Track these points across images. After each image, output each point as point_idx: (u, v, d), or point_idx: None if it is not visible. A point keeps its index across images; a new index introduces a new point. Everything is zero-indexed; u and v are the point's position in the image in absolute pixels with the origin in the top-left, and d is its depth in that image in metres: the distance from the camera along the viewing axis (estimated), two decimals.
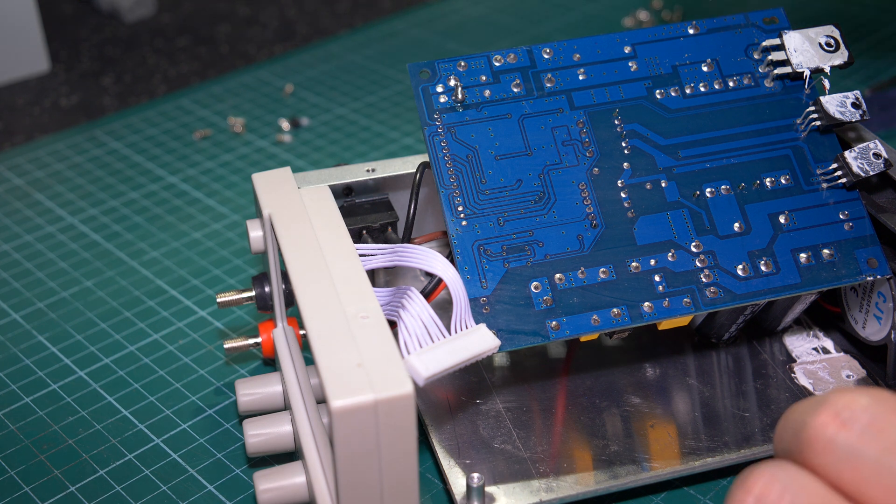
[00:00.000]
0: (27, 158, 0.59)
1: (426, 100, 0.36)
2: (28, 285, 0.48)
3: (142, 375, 0.42)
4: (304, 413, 0.34)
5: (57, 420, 0.40)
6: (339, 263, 0.33)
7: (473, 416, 0.37)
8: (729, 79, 0.38)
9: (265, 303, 0.38)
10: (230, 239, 0.51)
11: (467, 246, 0.35)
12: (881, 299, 0.37)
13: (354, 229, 0.38)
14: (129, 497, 0.36)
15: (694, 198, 0.36)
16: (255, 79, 0.67)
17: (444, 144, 0.36)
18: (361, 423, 0.28)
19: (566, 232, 0.35)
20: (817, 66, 0.37)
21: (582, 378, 0.39)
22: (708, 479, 0.36)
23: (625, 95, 0.37)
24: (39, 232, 0.52)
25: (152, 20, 0.78)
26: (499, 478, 0.35)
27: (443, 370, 0.31)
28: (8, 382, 0.42)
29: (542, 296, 0.34)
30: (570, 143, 0.36)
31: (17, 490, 0.37)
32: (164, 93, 0.67)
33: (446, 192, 0.35)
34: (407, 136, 0.60)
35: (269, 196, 0.36)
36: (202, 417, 0.40)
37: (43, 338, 0.45)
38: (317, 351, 0.30)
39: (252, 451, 0.36)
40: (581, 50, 0.38)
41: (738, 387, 0.39)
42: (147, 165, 0.58)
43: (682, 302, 0.35)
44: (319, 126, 0.61)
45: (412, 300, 0.33)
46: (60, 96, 0.67)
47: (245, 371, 0.42)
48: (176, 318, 0.45)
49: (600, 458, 0.35)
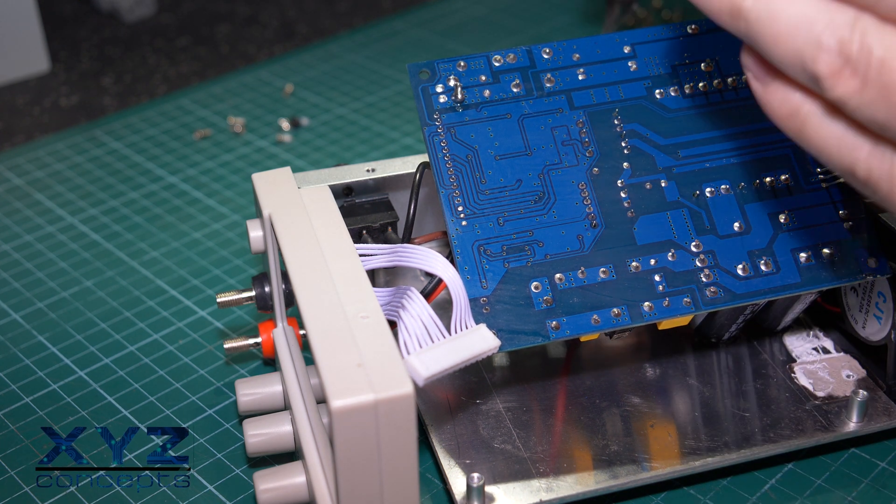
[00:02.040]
0: (27, 158, 0.59)
1: (426, 100, 0.36)
2: (28, 285, 0.48)
3: (142, 375, 0.42)
4: (304, 413, 0.34)
5: (57, 420, 0.40)
6: (339, 263, 0.33)
7: (473, 416, 0.37)
8: (728, 78, 0.38)
9: (265, 303, 0.38)
10: (230, 239, 0.51)
11: (467, 246, 0.35)
12: (881, 299, 0.37)
13: (354, 229, 0.38)
14: (129, 497, 0.37)
15: (694, 197, 0.36)
16: (255, 79, 0.67)
17: (444, 144, 0.36)
18: (361, 423, 0.28)
19: (566, 232, 0.35)
20: None
21: (582, 378, 0.39)
22: (708, 479, 0.36)
23: (624, 95, 0.37)
24: (39, 232, 0.52)
25: (152, 20, 0.78)
26: (499, 478, 0.35)
27: (443, 370, 0.31)
28: (8, 382, 0.42)
29: (543, 296, 0.34)
30: (569, 143, 0.36)
31: (17, 490, 0.37)
32: (164, 93, 0.67)
33: (446, 192, 0.35)
34: (407, 136, 0.60)
35: (269, 196, 0.36)
36: (202, 417, 0.40)
37: (43, 338, 0.45)
38: (317, 351, 0.30)
39: (252, 451, 0.36)
40: (581, 50, 0.38)
41: (738, 387, 0.39)
42: (147, 165, 0.58)
43: (682, 302, 0.35)
44: (319, 126, 0.61)
45: (412, 300, 0.33)
46: (60, 96, 0.67)
47: (245, 371, 0.42)
48: (176, 318, 0.45)
49: (600, 458, 0.35)
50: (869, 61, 0.24)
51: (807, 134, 0.26)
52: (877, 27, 0.24)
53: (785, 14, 0.25)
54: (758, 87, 0.27)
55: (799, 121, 0.26)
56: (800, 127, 0.27)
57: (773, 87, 0.27)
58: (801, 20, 0.24)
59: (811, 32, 0.24)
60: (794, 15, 0.25)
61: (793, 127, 0.27)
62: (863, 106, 0.24)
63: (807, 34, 0.24)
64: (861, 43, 0.24)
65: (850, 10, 0.24)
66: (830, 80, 0.24)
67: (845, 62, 0.24)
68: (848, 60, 0.24)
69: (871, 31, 0.24)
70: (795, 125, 0.27)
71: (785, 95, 0.27)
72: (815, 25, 0.24)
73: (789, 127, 0.27)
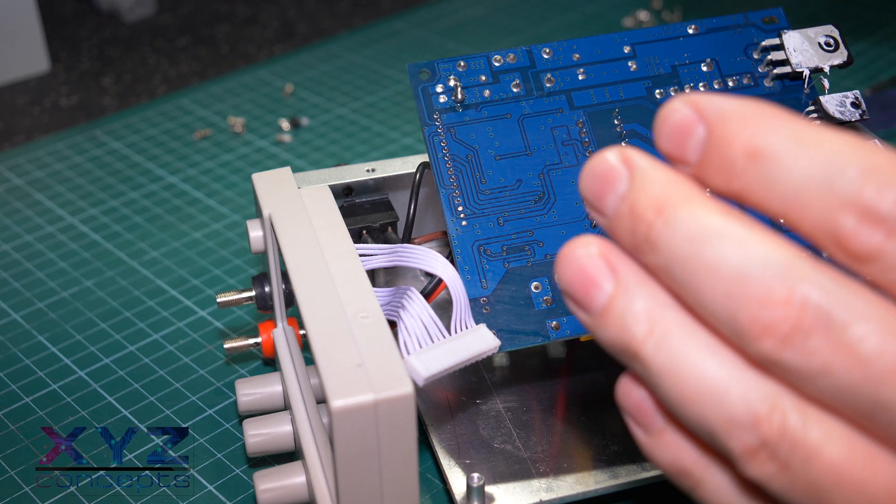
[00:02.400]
0: (27, 158, 0.59)
1: (426, 100, 0.36)
2: (28, 285, 0.48)
3: (142, 375, 0.42)
4: (304, 413, 0.34)
5: (57, 420, 0.40)
6: (339, 263, 0.33)
7: (473, 416, 0.37)
8: (728, 79, 0.38)
9: (265, 303, 0.38)
10: (230, 239, 0.51)
11: (467, 246, 0.35)
12: None
13: (354, 229, 0.38)
14: (129, 497, 0.37)
15: None
16: (255, 79, 0.67)
17: (444, 144, 0.36)
18: (361, 423, 0.28)
19: (566, 232, 0.35)
20: (817, 66, 0.37)
21: (582, 378, 0.39)
22: None
23: (624, 95, 0.37)
24: (39, 232, 0.52)
25: (152, 20, 0.78)
26: (499, 478, 0.35)
27: (443, 370, 0.31)
28: (8, 382, 0.42)
29: (543, 296, 0.34)
30: (569, 143, 0.36)
31: (17, 490, 0.37)
32: (164, 93, 0.67)
33: (446, 192, 0.35)
34: (407, 136, 0.60)
35: (269, 196, 0.36)
36: (202, 417, 0.40)
37: (43, 338, 0.45)
38: (317, 351, 0.30)
39: (252, 451, 0.36)
40: (581, 50, 0.38)
41: None
42: (147, 165, 0.58)
43: None
44: (319, 126, 0.61)
45: (412, 300, 0.33)
46: (60, 96, 0.67)
47: (245, 371, 0.42)
48: (176, 318, 0.45)
49: (600, 458, 0.35)
50: (792, 450, 0.20)
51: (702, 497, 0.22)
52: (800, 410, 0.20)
53: (691, 375, 0.20)
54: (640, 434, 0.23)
55: (692, 481, 0.22)
56: (691, 487, 0.22)
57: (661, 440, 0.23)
58: (710, 386, 0.20)
59: (722, 403, 0.20)
60: (703, 378, 0.20)
61: (684, 484, 0.23)
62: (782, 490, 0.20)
63: (717, 406, 0.20)
64: (782, 427, 0.20)
65: (768, 383, 0.20)
66: (744, 460, 0.20)
67: (761, 445, 0.20)
68: (764, 444, 0.20)
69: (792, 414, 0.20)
70: (687, 484, 0.23)
71: (676, 453, 0.22)
72: (728, 395, 0.20)
73: (679, 483, 0.23)
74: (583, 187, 0.22)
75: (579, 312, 0.22)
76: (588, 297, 0.22)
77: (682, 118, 0.21)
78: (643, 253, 0.21)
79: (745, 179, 0.21)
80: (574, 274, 0.22)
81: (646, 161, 0.21)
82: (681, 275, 0.20)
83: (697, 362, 0.20)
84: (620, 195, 0.21)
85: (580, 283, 0.22)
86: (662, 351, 0.21)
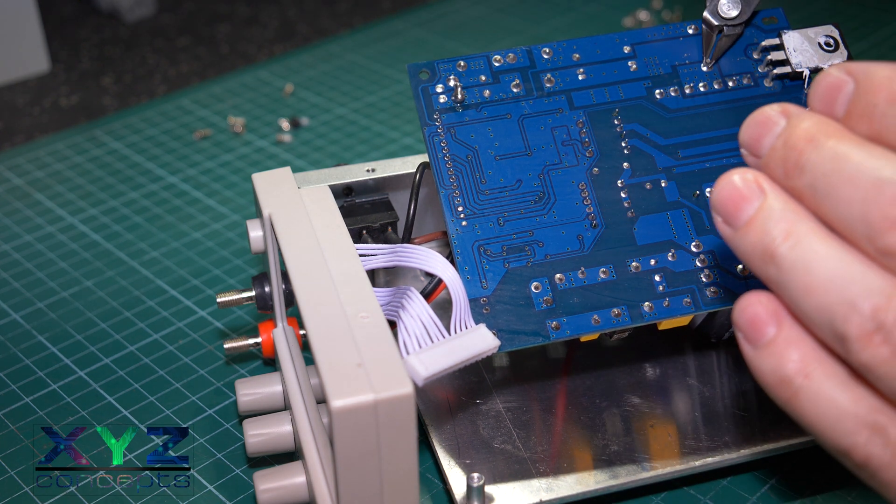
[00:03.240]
0: (27, 158, 0.59)
1: (426, 100, 0.36)
2: (28, 285, 0.48)
3: (142, 375, 0.42)
4: (304, 413, 0.34)
5: (57, 420, 0.40)
6: (339, 263, 0.33)
7: (473, 416, 0.37)
8: (728, 79, 0.38)
9: (265, 303, 0.38)
10: (230, 239, 0.51)
11: (467, 246, 0.35)
12: None
13: (354, 229, 0.38)
14: (129, 497, 0.37)
15: (694, 197, 0.36)
16: (255, 79, 0.67)
17: (444, 145, 0.36)
18: (361, 423, 0.28)
19: (566, 232, 0.35)
20: (817, 66, 0.37)
21: (582, 378, 0.39)
22: (708, 479, 0.36)
23: (624, 95, 0.37)
24: (39, 232, 0.52)
25: (152, 20, 0.78)
26: (499, 478, 0.35)
27: (442, 370, 0.31)
28: (8, 382, 0.42)
29: (543, 296, 0.34)
30: (569, 143, 0.36)
31: (17, 490, 0.37)
32: (164, 93, 0.67)
33: (446, 192, 0.35)
34: (407, 136, 0.60)
35: (269, 196, 0.36)
36: (202, 417, 0.40)
37: (43, 338, 0.45)
38: (317, 351, 0.30)
39: (252, 451, 0.36)
40: (581, 50, 0.38)
41: (738, 387, 0.39)
42: (147, 165, 0.58)
43: (683, 302, 0.35)
44: (319, 126, 0.61)
45: (412, 300, 0.33)
46: (60, 96, 0.67)
47: (245, 371, 0.42)
48: (176, 318, 0.45)
49: (600, 458, 0.35)
50: None
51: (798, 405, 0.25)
52: None
53: (820, 268, 0.24)
54: (748, 349, 0.26)
55: (790, 391, 0.25)
56: (789, 397, 0.25)
57: (766, 352, 0.25)
58: (836, 277, 0.23)
59: (846, 292, 0.23)
60: (830, 270, 0.23)
61: (781, 395, 0.25)
62: (889, 377, 0.23)
63: (841, 292, 0.23)
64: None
65: (889, 278, 0.23)
66: (859, 344, 0.23)
67: (877, 328, 0.23)
68: (880, 328, 0.23)
69: None
70: (785, 394, 0.25)
71: (779, 362, 0.25)
72: (851, 286, 0.23)
73: (777, 395, 0.25)
74: (743, 134, 0.26)
75: (724, 227, 0.26)
76: (738, 210, 0.25)
77: (835, 78, 0.25)
78: (792, 178, 0.25)
79: (886, 122, 0.24)
80: (730, 191, 0.25)
81: (801, 109, 0.25)
82: (824, 188, 0.24)
83: (827, 257, 0.24)
84: (777, 134, 0.25)
85: (732, 199, 0.25)
86: (797, 249, 0.24)
